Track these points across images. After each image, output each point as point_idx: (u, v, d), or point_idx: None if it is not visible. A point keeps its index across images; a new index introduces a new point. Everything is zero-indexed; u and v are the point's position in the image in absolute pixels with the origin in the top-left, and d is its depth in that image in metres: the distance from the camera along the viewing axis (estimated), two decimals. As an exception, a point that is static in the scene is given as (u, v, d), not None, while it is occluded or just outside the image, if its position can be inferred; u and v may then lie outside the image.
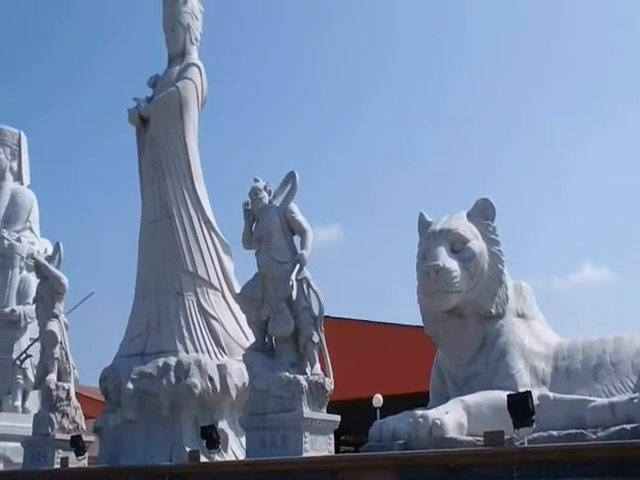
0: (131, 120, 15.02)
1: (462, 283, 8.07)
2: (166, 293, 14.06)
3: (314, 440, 10.48)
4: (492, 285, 8.27)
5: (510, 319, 8.37)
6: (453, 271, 7.98)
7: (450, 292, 8.06)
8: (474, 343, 8.33)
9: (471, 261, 8.12)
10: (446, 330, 8.52)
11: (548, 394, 7.76)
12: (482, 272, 8.22)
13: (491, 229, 8.45)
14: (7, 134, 22.36)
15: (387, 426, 8.62)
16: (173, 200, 14.44)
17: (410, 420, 8.25)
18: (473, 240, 8.22)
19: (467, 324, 8.38)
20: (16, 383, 17.21)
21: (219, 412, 13.23)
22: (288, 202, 11.35)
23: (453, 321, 8.44)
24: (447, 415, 7.81)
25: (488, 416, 7.72)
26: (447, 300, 8.15)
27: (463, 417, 7.85)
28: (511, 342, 8.16)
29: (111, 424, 13.70)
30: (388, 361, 24.57)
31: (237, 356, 13.33)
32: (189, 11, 15.36)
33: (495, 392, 7.83)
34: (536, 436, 7.36)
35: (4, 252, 19.30)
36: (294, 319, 10.96)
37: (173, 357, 13.33)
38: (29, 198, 22.24)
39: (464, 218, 8.46)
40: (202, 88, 15.06)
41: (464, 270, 8.07)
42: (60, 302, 15.39)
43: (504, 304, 8.32)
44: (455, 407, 7.90)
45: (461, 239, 8.18)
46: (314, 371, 10.82)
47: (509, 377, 7.98)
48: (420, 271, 8.37)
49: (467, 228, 8.29)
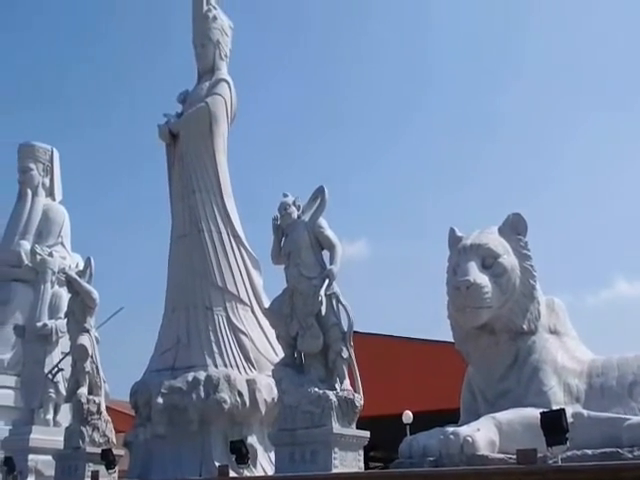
0: (161, 136, 15.15)
1: (493, 299, 7.98)
2: (195, 308, 14.11)
3: (343, 456, 10.42)
4: (524, 301, 8.17)
5: (542, 335, 8.25)
6: (484, 286, 7.89)
7: (481, 308, 7.97)
8: (506, 359, 8.22)
9: (502, 276, 8.03)
10: (477, 346, 8.42)
11: (582, 412, 7.63)
12: (514, 287, 8.12)
13: (523, 244, 8.35)
14: (40, 150, 22.73)
15: (417, 442, 8.54)
16: (202, 215, 14.52)
17: (441, 437, 8.15)
18: (504, 255, 8.13)
19: (498, 340, 8.27)
20: (48, 397, 17.31)
21: (248, 427, 13.22)
22: (317, 217, 11.34)
23: (484, 337, 8.34)
24: (478, 432, 7.70)
25: (520, 434, 7.60)
26: (478, 316, 8.06)
27: (495, 434, 7.74)
28: (544, 359, 8.04)
29: (141, 438, 13.74)
30: (418, 377, 24.39)
31: (266, 371, 13.33)
32: (219, 27, 15.50)
33: (527, 409, 7.71)
34: (570, 454, 7.24)
35: (36, 267, 19.51)
36: (323, 334, 10.92)
37: (203, 372, 13.36)
38: (61, 213, 22.56)
39: (495, 233, 8.38)
40: (231, 103, 15.17)
41: (495, 285, 7.97)
42: (91, 316, 15.50)
43: (536, 320, 8.21)
44: (487, 424, 7.79)
45: (492, 254, 8.09)
46: (343, 387, 10.76)
47: (542, 394, 7.85)
48: (450, 286, 8.29)
49: (498, 243, 8.20)
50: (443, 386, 19.27)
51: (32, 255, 20.35)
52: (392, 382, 24.35)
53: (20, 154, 22.64)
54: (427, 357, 24.64)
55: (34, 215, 22.15)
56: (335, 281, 10.99)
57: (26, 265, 21.09)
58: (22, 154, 22.61)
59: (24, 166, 22.46)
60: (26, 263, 21.11)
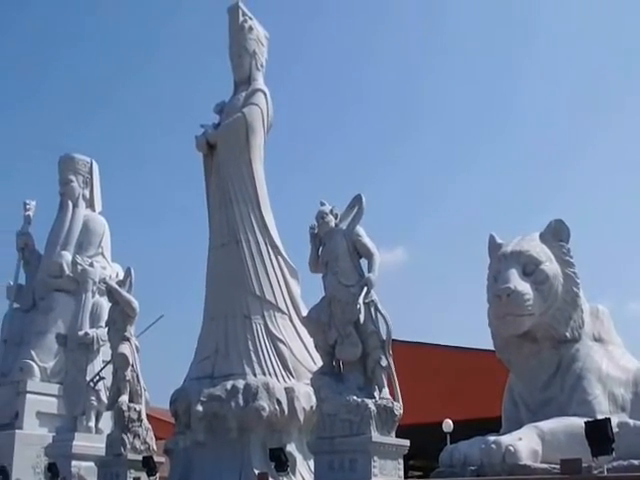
0: (198, 146, 15.28)
1: (535, 306, 7.89)
2: (234, 316, 14.19)
3: (383, 465, 10.38)
4: (567, 308, 8.06)
5: (586, 343, 8.14)
6: (525, 294, 7.82)
7: (522, 315, 7.89)
8: (548, 368, 8.13)
9: (544, 284, 7.94)
10: (519, 354, 8.34)
11: (628, 421, 7.52)
12: (556, 295, 8.02)
13: (565, 250, 8.25)
14: (80, 162, 23.11)
15: (459, 451, 8.47)
16: (240, 225, 14.62)
17: (482, 446, 8.08)
18: (546, 262, 8.04)
19: (541, 348, 8.19)
20: (90, 404, 17.53)
21: (287, 435, 13.24)
22: (354, 225, 11.34)
23: (526, 345, 8.26)
24: (521, 441, 7.62)
25: (564, 443, 7.50)
26: (519, 324, 7.99)
27: (537, 444, 7.64)
28: (588, 367, 7.93)
29: (181, 445, 13.85)
30: (458, 385, 24.20)
31: (304, 379, 13.35)
32: (255, 38, 15.61)
33: (571, 418, 7.61)
34: (615, 465, 7.13)
35: (77, 277, 19.80)
36: (362, 343, 10.90)
37: (241, 380, 13.42)
38: (101, 224, 22.90)
39: (537, 240, 8.29)
40: (268, 113, 15.25)
41: (537, 293, 7.89)
42: (131, 325, 15.68)
43: (579, 328, 8.10)
44: (529, 433, 7.70)
45: (533, 261, 8.01)
46: (382, 395, 10.73)
47: (586, 403, 7.75)
48: (491, 294, 8.23)
49: (540, 250, 8.12)
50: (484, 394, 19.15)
51: (73, 265, 20.68)
52: (432, 390, 24.20)
53: (61, 166, 23.03)
54: (468, 365, 24.44)
55: (75, 226, 22.50)
56: (373, 289, 10.97)
57: (67, 275, 21.44)
58: (63, 166, 23.00)
59: (65, 178, 22.83)
60: (67, 273, 21.45)
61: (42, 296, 22.13)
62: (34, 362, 20.70)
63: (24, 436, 19.35)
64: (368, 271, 11.13)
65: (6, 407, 20.29)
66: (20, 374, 20.60)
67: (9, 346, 21.85)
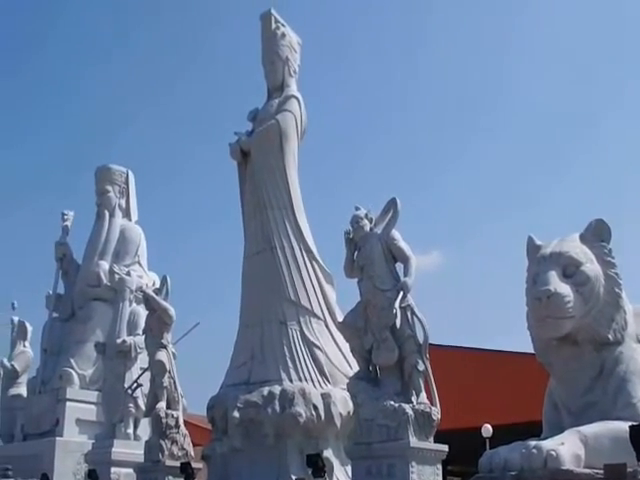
0: (232, 154, 15.35)
1: (575, 308, 7.74)
2: (269, 323, 14.21)
3: (421, 470, 10.32)
4: (609, 310, 7.89)
5: (630, 345, 7.96)
6: (565, 296, 7.66)
7: (563, 318, 7.74)
8: (590, 371, 7.96)
9: (585, 285, 7.77)
10: (559, 358, 8.19)
11: (674, 425, 7.33)
12: (597, 297, 7.86)
13: (607, 251, 8.07)
14: (116, 173, 23.41)
15: (498, 456, 8.33)
16: (275, 231, 14.65)
17: (523, 450, 7.94)
18: (587, 263, 7.88)
19: (582, 351, 8.02)
20: (128, 411, 17.68)
21: (324, 441, 13.20)
22: (390, 229, 11.33)
23: (566, 348, 8.10)
24: (563, 446, 7.47)
25: (607, 448, 7.33)
26: (559, 326, 7.84)
27: (580, 449, 7.49)
28: (632, 370, 7.75)
29: (218, 452, 13.89)
30: (497, 390, 23.96)
31: (341, 385, 13.31)
32: (287, 44, 15.66)
33: (615, 422, 7.44)
34: (661, 469, 6.96)
35: (115, 286, 20.00)
36: (398, 347, 10.88)
37: (277, 386, 13.43)
38: (137, 233, 23.15)
39: (577, 240, 8.13)
40: (301, 119, 15.28)
41: (577, 295, 7.73)
42: (168, 333, 15.80)
43: (622, 330, 7.92)
44: (571, 438, 7.55)
45: (574, 262, 7.85)
46: (420, 400, 10.69)
47: (630, 406, 7.56)
48: (530, 297, 8.09)
49: (580, 251, 7.96)
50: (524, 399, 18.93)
51: (111, 274, 20.95)
52: (471, 395, 23.98)
53: (97, 177, 23.34)
54: (507, 369, 24.19)
55: (112, 236, 22.77)
56: (409, 293, 10.93)
57: (105, 284, 21.71)
58: (99, 177, 23.31)
59: (101, 188, 23.14)
60: (105, 282, 21.73)
61: (81, 305, 22.42)
62: (73, 370, 20.97)
63: (64, 443, 19.59)
64: (404, 275, 11.10)
65: (47, 415, 20.58)
66: (60, 382, 20.88)
67: (49, 355, 22.18)
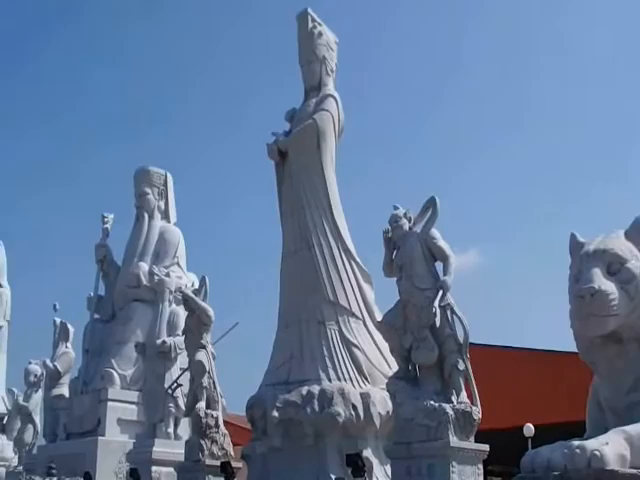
0: (270, 154, 15.40)
1: (620, 306, 7.59)
2: (308, 322, 14.23)
3: (462, 470, 10.25)
4: (655, 308, 7.76)
5: (676, 343, 7.82)
6: (610, 294, 7.51)
7: (607, 316, 7.59)
8: (635, 369, 7.79)
9: (630, 283, 7.61)
10: (603, 356, 8.04)
11: None
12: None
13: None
14: (154, 175, 23.62)
15: (541, 456, 8.19)
16: (313, 231, 14.66)
17: (566, 450, 7.79)
18: (632, 260, 7.72)
19: (627, 349, 7.87)
20: (168, 411, 17.81)
21: (363, 440, 13.17)
22: (429, 228, 11.28)
23: (611, 346, 7.96)
24: (607, 446, 7.32)
25: (654, 448, 7.21)
26: (603, 324, 7.69)
27: (625, 449, 7.33)
28: (678, 368, 7.61)
29: (258, 451, 13.95)
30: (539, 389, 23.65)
31: (380, 384, 13.27)
32: (324, 43, 15.64)
33: (661, 422, 7.31)
34: None
35: (154, 287, 20.16)
36: (438, 346, 10.81)
37: (316, 386, 13.44)
38: (176, 235, 23.34)
39: (621, 237, 7.97)
40: (339, 118, 15.26)
41: (622, 292, 7.57)
42: (207, 333, 15.89)
43: (668, 328, 7.79)
44: (616, 438, 7.40)
45: (618, 259, 7.70)
46: (460, 399, 10.62)
47: (677, 405, 7.43)
48: (573, 294, 7.96)
49: (625, 248, 7.80)
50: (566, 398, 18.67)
51: (150, 276, 21.14)
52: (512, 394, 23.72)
53: (136, 179, 23.58)
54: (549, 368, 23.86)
55: (151, 237, 23.00)
56: (449, 292, 10.87)
57: (145, 285, 21.92)
58: (138, 179, 23.54)
59: (140, 191, 23.36)
60: (145, 284, 21.93)
61: (121, 306, 22.69)
62: (114, 370, 21.22)
63: (106, 443, 19.84)
64: (443, 274, 11.04)
65: (89, 415, 20.86)
66: (101, 382, 21.16)
67: (91, 356, 22.47)
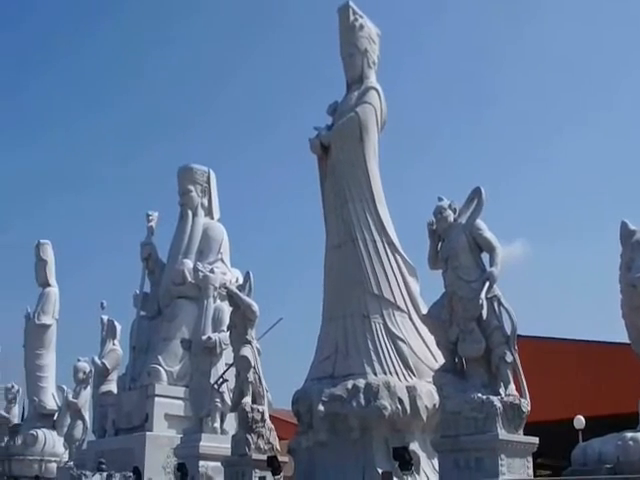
0: (313, 149, 15.38)
1: (673, 294, 7.48)
2: (352, 316, 14.19)
3: (511, 463, 10.13)
4: None
5: None
6: (663, 282, 7.41)
7: (660, 304, 7.50)
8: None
9: (684, 270, 7.50)
10: (656, 346, 7.92)
11: None
12: (696, 282, 7.55)
13: None
14: (197, 172, 23.79)
15: (592, 449, 8.14)
16: (356, 224, 14.61)
17: (619, 442, 7.73)
18: (686, 247, 7.61)
19: (680, 339, 7.74)
20: (214, 406, 17.95)
21: (410, 434, 13.11)
22: (474, 219, 11.16)
23: (664, 335, 7.84)
24: (661, 437, 7.22)
25: None
26: (656, 313, 7.59)
27: (680, 439, 7.22)
28: None
29: (304, 445, 13.97)
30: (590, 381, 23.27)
31: (426, 378, 13.20)
32: (366, 36, 15.54)
33: None
34: None
35: (199, 283, 20.33)
36: (485, 339, 10.71)
37: (362, 379, 13.40)
38: (220, 231, 23.50)
39: (674, 224, 7.86)
40: (381, 111, 15.16)
41: (676, 280, 7.47)
42: (252, 328, 15.99)
43: None
44: (670, 429, 7.29)
45: (672, 246, 7.60)
46: (508, 392, 10.49)
47: None
48: (624, 283, 7.86)
49: (677, 235, 7.69)
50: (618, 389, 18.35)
51: (195, 272, 21.27)
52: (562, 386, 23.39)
53: (180, 177, 23.76)
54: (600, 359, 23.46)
55: (195, 234, 23.19)
56: (496, 284, 10.75)
57: (190, 282, 22.07)
58: (181, 177, 23.73)
59: (184, 188, 23.54)
60: (190, 280, 22.08)
61: (166, 303, 22.93)
62: (161, 367, 21.46)
63: (154, 438, 20.09)
64: (490, 265, 10.92)
65: (137, 410, 21.15)
66: (148, 379, 21.43)
67: (137, 352, 22.78)
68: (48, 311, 27.51)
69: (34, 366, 27.02)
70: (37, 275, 27.85)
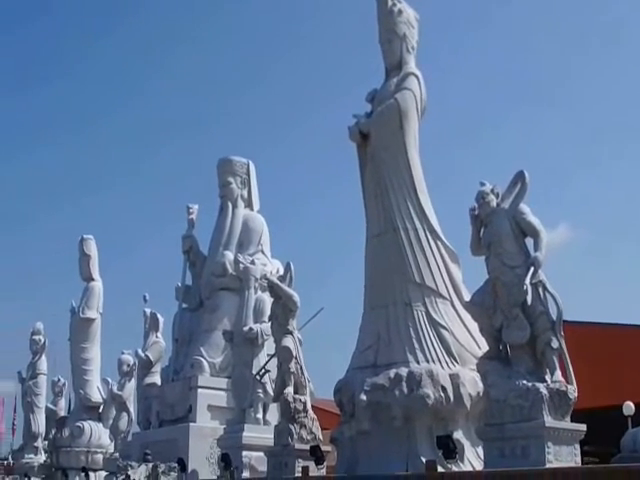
0: (351, 137, 15.25)
1: None
2: (394, 305, 14.07)
3: (558, 451, 10.02)
4: None
5: None
6: None
7: None
8: None
9: None
10: None
11: None
12: None
13: None
14: (237, 164, 23.88)
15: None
16: (397, 213, 14.46)
17: (670, 428, 7.52)
18: None
19: None
20: (257, 397, 18.04)
21: (453, 422, 12.95)
22: (518, 203, 11.03)
23: None
24: None
25: None
26: None
27: None
28: None
29: (346, 435, 13.91)
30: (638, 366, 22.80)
31: (469, 365, 13.03)
32: (404, 21, 15.30)
33: None
34: None
35: (240, 275, 20.48)
36: (530, 325, 10.58)
37: (404, 368, 13.28)
38: (259, 222, 23.57)
39: None
40: (421, 97, 14.94)
41: None
42: (293, 319, 16.02)
43: None
44: None
45: None
46: (555, 378, 10.37)
47: None
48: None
49: None
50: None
51: (235, 264, 21.45)
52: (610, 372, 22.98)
53: (219, 169, 23.88)
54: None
55: (235, 226, 23.29)
56: (540, 269, 10.59)
57: (231, 274, 22.22)
58: (221, 169, 23.84)
59: (224, 180, 23.65)
60: (231, 272, 22.23)
61: (208, 295, 23.10)
62: (204, 358, 21.65)
63: (198, 429, 20.27)
64: (535, 250, 10.79)
65: (180, 402, 21.36)
66: (191, 370, 21.65)
67: (180, 344, 23.03)
68: (92, 305, 27.90)
69: (79, 359, 27.43)
70: (81, 270, 28.26)
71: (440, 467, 11.43)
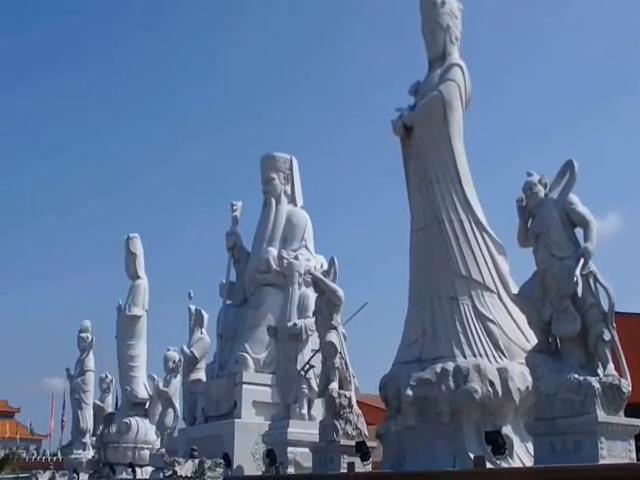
0: (395, 130, 15.12)
1: None
2: (440, 298, 13.91)
3: (611, 446, 9.79)
4: None
5: None
6: None
7: None
8: None
9: None
10: None
11: None
12: None
13: None
14: (280, 160, 23.88)
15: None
16: (442, 205, 14.30)
17: None
18: None
19: None
20: (301, 392, 18.02)
21: (502, 417, 12.74)
22: (567, 193, 10.83)
23: None
24: None
25: None
26: None
27: None
28: None
29: (392, 430, 13.81)
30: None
31: (518, 359, 12.82)
32: (448, 11, 15.09)
33: None
34: None
35: (284, 271, 20.44)
36: (581, 317, 10.36)
37: (451, 362, 13.12)
38: (303, 218, 23.53)
39: None
40: (465, 88, 14.72)
41: None
42: (337, 314, 15.98)
43: None
44: None
45: None
46: (607, 372, 10.14)
47: None
48: None
49: None
50: None
51: (279, 260, 21.43)
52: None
53: (263, 165, 23.92)
54: None
55: (279, 222, 23.30)
56: (591, 259, 10.35)
57: (275, 270, 22.19)
58: (264, 165, 23.88)
59: (267, 176, 23.68)
60: (274, 268, 22.21)
61: (252, 291, 23.15)
62: (248, 354, 21.67)
63: (243, 425, 20.30)
64: (584, 240, 10.56)
65: (225, 398, 21.43)
66: (236, 366, 21.67)
67: (225, 340, 23.11)
68: (138, 303, 28.21)
69: (126, 356, 27.76)
70: (127, 268, 28.59)
71: (489, 463, 11.26)
